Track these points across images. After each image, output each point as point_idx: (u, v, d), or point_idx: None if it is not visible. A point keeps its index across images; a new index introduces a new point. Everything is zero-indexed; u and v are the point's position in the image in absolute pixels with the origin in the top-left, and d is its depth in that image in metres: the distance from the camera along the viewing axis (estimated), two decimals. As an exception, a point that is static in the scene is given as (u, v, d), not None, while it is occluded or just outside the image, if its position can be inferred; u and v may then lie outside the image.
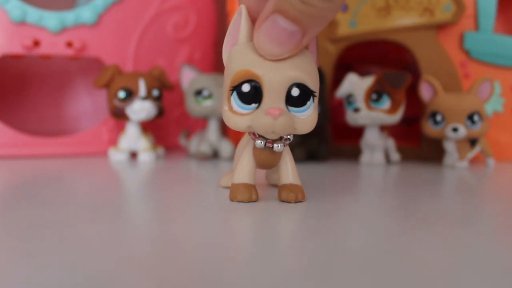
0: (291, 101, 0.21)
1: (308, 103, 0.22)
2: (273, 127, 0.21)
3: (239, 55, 0.22)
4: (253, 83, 0.21)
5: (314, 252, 0.16)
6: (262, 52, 0.21)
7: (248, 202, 0.24)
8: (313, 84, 0.22)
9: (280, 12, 0.19)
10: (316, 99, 0.22)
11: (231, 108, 0.22)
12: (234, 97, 0.22)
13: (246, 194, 0.24)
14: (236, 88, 0.22)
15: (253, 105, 0.22)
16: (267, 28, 0.20)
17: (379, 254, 0.16)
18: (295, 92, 0.21)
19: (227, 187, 0.28)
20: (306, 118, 0.22)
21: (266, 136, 0.22)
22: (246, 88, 0.21)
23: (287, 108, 0.22)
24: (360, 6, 0.45)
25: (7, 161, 0.41)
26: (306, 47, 0.22)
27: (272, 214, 0.21)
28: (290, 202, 0.23)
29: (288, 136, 0.23)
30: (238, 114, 0.22)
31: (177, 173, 0.36)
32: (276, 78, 0.21)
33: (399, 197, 0.26)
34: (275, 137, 0.22)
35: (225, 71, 0.23)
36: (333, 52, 0.47)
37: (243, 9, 0.22)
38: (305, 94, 0.21)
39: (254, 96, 0.21)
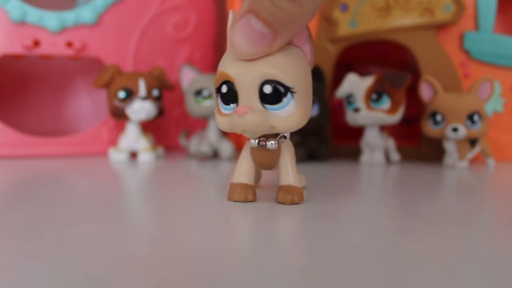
0: (265, 98, 0.21)
1: (285, 99, 0.21)
2: (242, 126, 0.21)
3: (224, 58, 0.22)
4: (228, 84, 0.22)
5: (314, 252, 0.16)
6: (235, 50, 0.21)
7: (244, 202, 0.24)
8: (290, 80, 0.21)
9: (253, 12, 0.19)
10: (299, 95, 0.21)
11: (219, 110, 0.23)
12: (218, 98, 0.22)
13: (242, 194, 0.24)
14: (217, 90, 0.22)
15: (232, 105, 0.22)
16: (240, 27, 0.20)
17: (379, 254, 0.16)
18: (267, 89, 0.21)
19: None
20: (287, 116, 0.21)
21: (244, 135, 0.22)
22: (224, 89, 0.22)
23: (264, 106, 0.21)
24: (360, 6, 0.45)
25: (7, 161, 0.41)
26: (293, 44, 0.22)
27: (273, 215, 0.21)
28: (285, 204, 0.23)
29: (284, 134, 0.23)
30: (223, 115, 0.22)
31: (177, 173, 0.36)
32: (246, 77, 0.21)
33: (399, 197, 0.26)
34: (251, 135, 0.22)
35: None
36: (333, 52, 0.47)
37: (230, 13, 0.23)
38: (280, 90, 0.21)
39: (231, 96, 0.22)
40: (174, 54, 0.51)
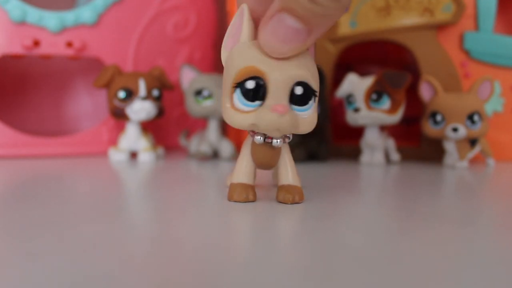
0: (294, 99, 0.21)
1: (310, 102, 0.22)
2: (279, 124, 0.21)
3: (242, 53, 0.22)
4: (257, 80, 0.21)
5: (314, 252, 0.16)
6: (267, 49, 0.21)
7: (245, 202, 0.24)
8: (315, 84, 0.22)
9: (287, 10, 0.19)
10: (317, 99, 0.22)
11: (233, 105, 0.22)
12: (238, 94, 0.21)
13: (243, 194, 0.24)
14: (240, 84, 0.21)
15: (257, 103, 0.21)
16: (273, 26, 0.20)
17: (379, 254, 0.16)
18: (299, 90, 0.21)
19: None
20: (307, 117, 0.22)
21: (270, 134, 0.22)
22: (250, 84, 0.21)
23: (291, 107, 0.22)
24: (360, 6, 0.45)
25: (7, 161, 0.41)
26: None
27: (273, 215, 0.21)
28: (286, 203, 0.23)
29: (288, 134, 0.23)
30: (241, 112, 0.22)
31: (177, 173, 0.36)
32: (282, 76, 0.21)
33: (399, 197, 0.26)
34: (279, 135, 0.22)
35: (225, 70, 0.23)
36: (333, 52, 0.47)
37: (245, 8, 0.22)
38: (308, 93, 0.21)
39: (258, 93, 0.21)
40: (174, 54, 0.51)
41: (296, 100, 0.21)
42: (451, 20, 0.42)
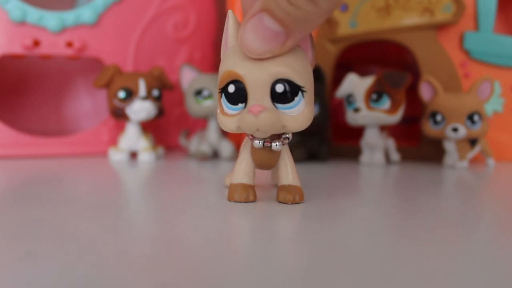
0: (276, 97, 0.21)
1: (296, 98, 0.21)
2: (257, 125, 0.21)
3: (227, 57, 0.22)
4: (237, 84, 0.21)
5: (314, 253, 0.16)
6: (245, 49, 0.21)
7: (245, 202, 0.24)
8: (301, 79, 0.21)
9: (266, 11, 0.19)
10: (308, 94, 0.22)
11: (222, 110, 0.22)
12: (223, 98, 0.22)
13: (243, 194, 0.24)
14: (223, 89, 0.22)
15: (240, 105, 0.22)
16: (252, 25, 0.20)
17: (379, 254, 0.16)
18: (279, 88, 0.21)
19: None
20: (297, 114, 0.21)
21: (254, 135, 0.22)
22: (231, 89, 0.21)
23: (275, 106, 0.21)
24: (360, 6, 0.45)
25: (7, 161, 0.41)
26: (298, 46, 0.22)
27: (273, 215, 0.21)
28: (287, 204, 0.23)
29: (287, 135, 0.23)
30: (228, 116, 0.22)
31: (177, 173, 0.36)
32: (258, 76, 0.21)
33: (399, 197, 0.26)
34: (263, 135, 0.22)
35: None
36: (333, 52, 0.47)
37: (230, 14, 0.23)
38: (291, 89, 0.21)
39: (239, 96, 0.21)
40: (174, 54, 0.51)
41: (279, 98, 0.21)
42: (451, 20, 0.42)
